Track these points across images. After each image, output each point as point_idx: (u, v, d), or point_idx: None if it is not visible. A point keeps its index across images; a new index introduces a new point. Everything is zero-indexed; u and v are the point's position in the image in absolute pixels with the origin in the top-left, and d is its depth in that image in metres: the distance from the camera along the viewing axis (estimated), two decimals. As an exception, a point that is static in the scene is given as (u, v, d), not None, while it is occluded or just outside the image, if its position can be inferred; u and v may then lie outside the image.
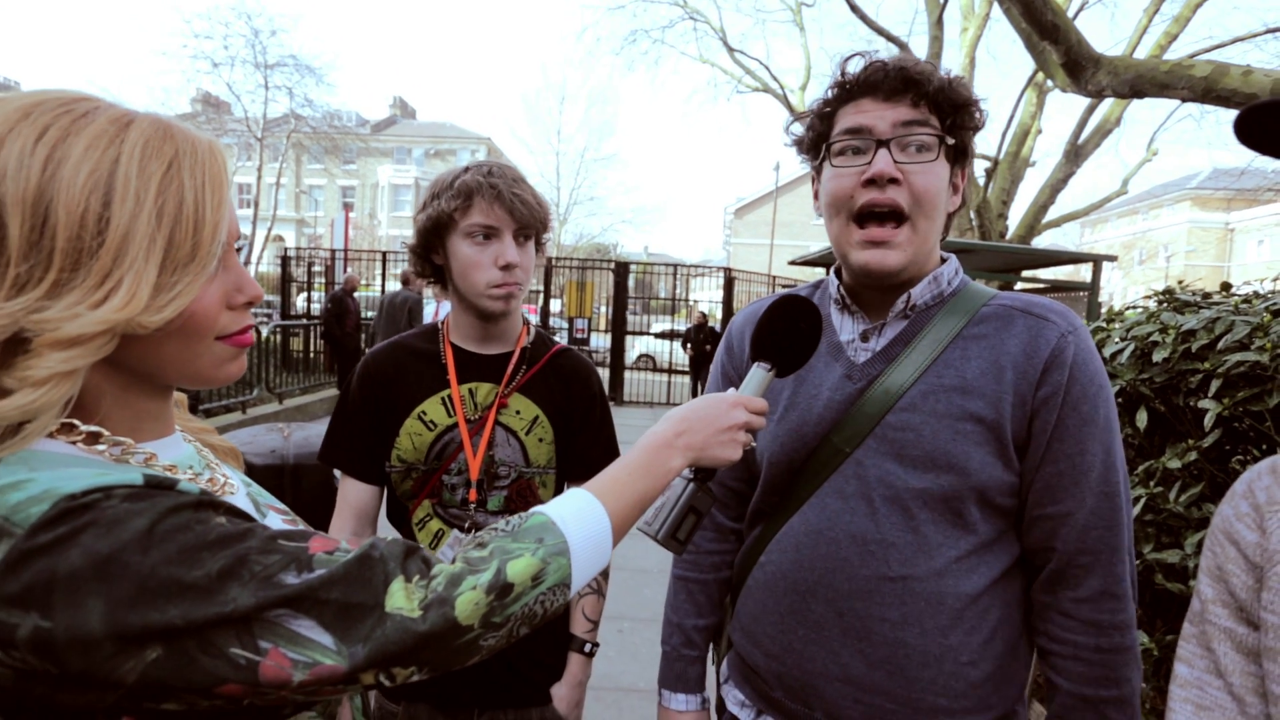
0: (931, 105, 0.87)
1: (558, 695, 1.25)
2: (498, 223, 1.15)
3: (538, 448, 1.25)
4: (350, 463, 1.23)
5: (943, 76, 0.88)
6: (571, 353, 1.33)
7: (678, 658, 1.11)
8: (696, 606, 1.11)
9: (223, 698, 0.47)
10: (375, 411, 1.22)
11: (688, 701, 1.10)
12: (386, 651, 0.49)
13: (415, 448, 1.21)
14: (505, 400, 1.23)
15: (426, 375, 1.23)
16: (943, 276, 0.95)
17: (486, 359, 1.25)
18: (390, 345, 1.28)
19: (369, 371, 1.24)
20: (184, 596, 0.45)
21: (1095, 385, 0.86)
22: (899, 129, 0.87)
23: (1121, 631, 0.85)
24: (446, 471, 1.21)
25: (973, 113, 0.89)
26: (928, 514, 0.87)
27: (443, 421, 1.21)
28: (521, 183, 1.18)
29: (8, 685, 0.44)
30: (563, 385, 1.28)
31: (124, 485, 0.49)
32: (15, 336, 0.47)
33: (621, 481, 0.67)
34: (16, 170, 0.47)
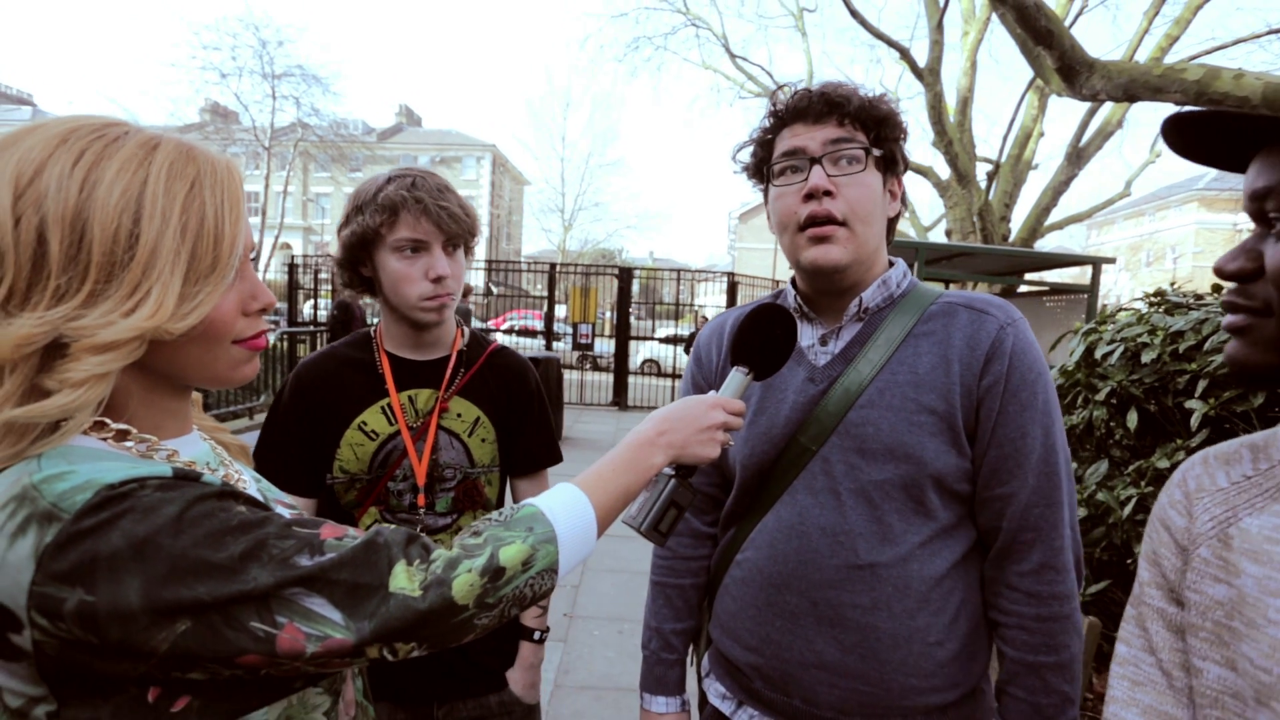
0: (856, 123, 0.95)
1: (513, 679, 1.29)
2: (426, 236, 1.15)
3: (481, 448, 1.27)
4: (283, 478, 1.13)
5: (863, 96, 0.96)
6: (507, 351, 1.35)
7: (657, 661, 1.15)
8: (674, 611, 1.15)
9: (243, 668, 0.53)
10: (310, 423, 1.21)
11: (668, 704, 1.13)
12: (390, 627, 0.54)
13: (358, 458, 1.20)
14: (446, 405, 1.24)
15: (363, 385, 1.22)
16: (891, 280, 1.01)
17: (423, 365, 1.25)
18: (323, 355, 1.26)
19: (302, 384, 1.22)
20: (211, 575, 0.51)
21: (1034, 373, 0.92)
22: (828, 146, 0.95)
23: (1060, 601, 0.91)
24: (392, 479, 1.22)
25: (894, 124, 0.97)
26: (890, 503, 0.93)
27: (384, 430, 1.21)
28: (447, 192, 1.17)
29: (54, 654, 0.50)
30: (502, 385, 1.30)
31: (156, 476, 0.55)
32: (55, 342, 0.53)
33: (606, 477, 0.72)
34: (56, 192, 0.53)
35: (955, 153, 10.51)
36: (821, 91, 0.96)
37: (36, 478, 0.51)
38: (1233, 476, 0.63)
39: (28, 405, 0.52)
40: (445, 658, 1.20)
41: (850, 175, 0.94)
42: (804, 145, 0.95)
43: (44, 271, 0.53)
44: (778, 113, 0.99)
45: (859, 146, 0.95)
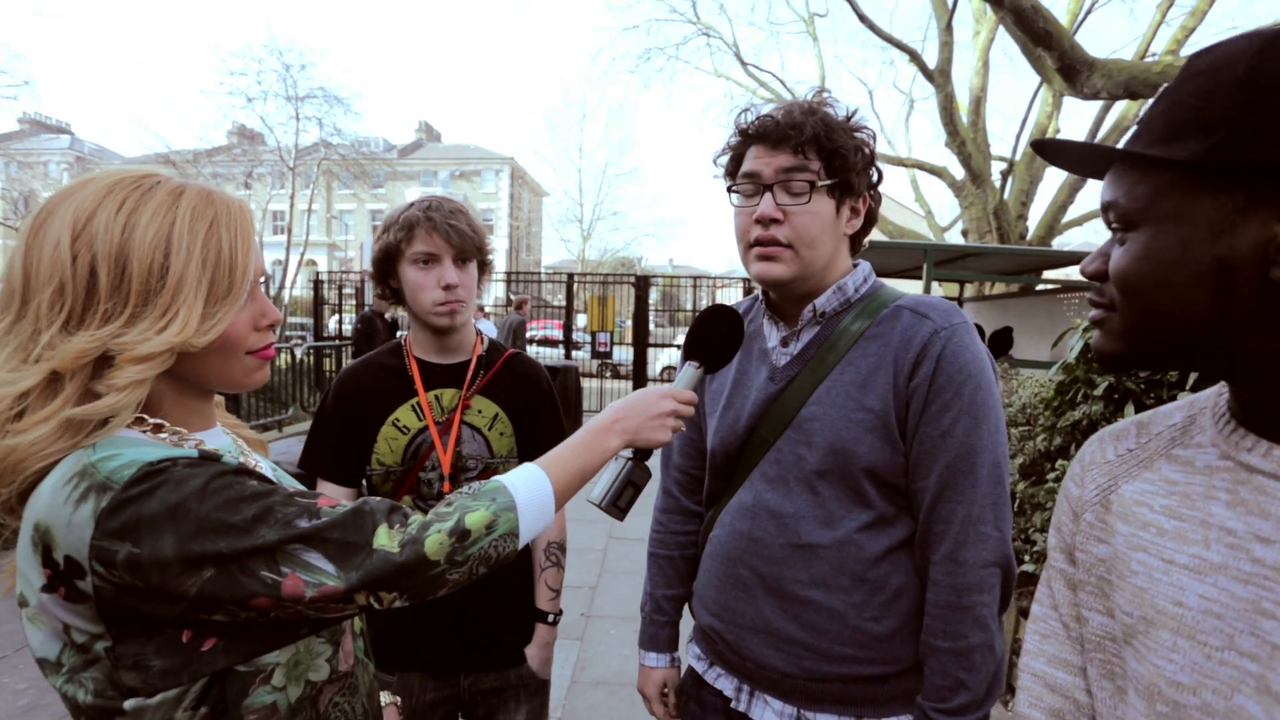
0: (811, 150, 1.00)
1: (530, 656, 1.43)
2: (437, 249, 1.32)
3: (499, 440, 1.42)
4: (329, 469, 1.38)
5: (819, 124, 0.99)
6: (522, 356, 1.51)
7: (650, 623, 1.28)
8: (665, 578, 1.28)
9: (255, 610, 0.64)
10: (351, 422, 1.37)
11: (658, 659, 1.27)
12: (373, 577, 0.65)
13: (392, 450, 1.36)
14: (468, 402, 1.40)
15: (396, 387, 1.38)
16: (848, 285, 1.07)
17: (447, 368, 1.41)
18: (362, 363, 1.44)
19: (343, 388, 1.40)
20: (229, 533, 0.62)
21: (962, 376, 0.96)
22: (781, 174, 1.00)
23: (960, 593, 0.95)
24: (423, 469, 1.37)
25: (845, 156, 1.00)
26: (830, 491, 1.01)
27: (414, 426, 1.37)
28: (458, 214, 1.35)
29: (109, 597, 0.61)
30: (517, 385, 1.45)
31: (185, 456, 0.66)
32: (103, 355, 0.65)
33: (564, 457, 0.82)
34: (104, 234, 0.65)
35: (969, 153, 10.47)
36: (777, 120, 1.01)
37: (93, 458, 0.63)
38: (1119, 450, 0.71)
39: (83, 405, 0.64)
40: (472, 635, 1.37)
41: (799, 204, 1.00)
42: (759, 170, 1.02)
43: (95, 298, 0.65)
44: (743, 132, 1.06)
45: (808, 177, 1.00)
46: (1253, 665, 0.52)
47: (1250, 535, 0.54)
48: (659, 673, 1.26)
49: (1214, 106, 0.52)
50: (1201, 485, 0.60)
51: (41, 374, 0.63)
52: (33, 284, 0.65)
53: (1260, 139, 0.50)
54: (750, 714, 1.07)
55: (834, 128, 1.01)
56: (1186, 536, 0.59)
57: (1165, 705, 0.57)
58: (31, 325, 0.65)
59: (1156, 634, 0.59)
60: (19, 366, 0.64)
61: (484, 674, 1.40)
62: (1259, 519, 0.54)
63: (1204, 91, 0.54)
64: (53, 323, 0.64)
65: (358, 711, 0.81)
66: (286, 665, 0.71)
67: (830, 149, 1.00)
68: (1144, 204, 0.57)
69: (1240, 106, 0.51)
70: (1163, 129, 0.56)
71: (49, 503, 0.62)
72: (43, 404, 0.64)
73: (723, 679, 1.12)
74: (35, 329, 0.65)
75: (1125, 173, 0.59)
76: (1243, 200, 0.51)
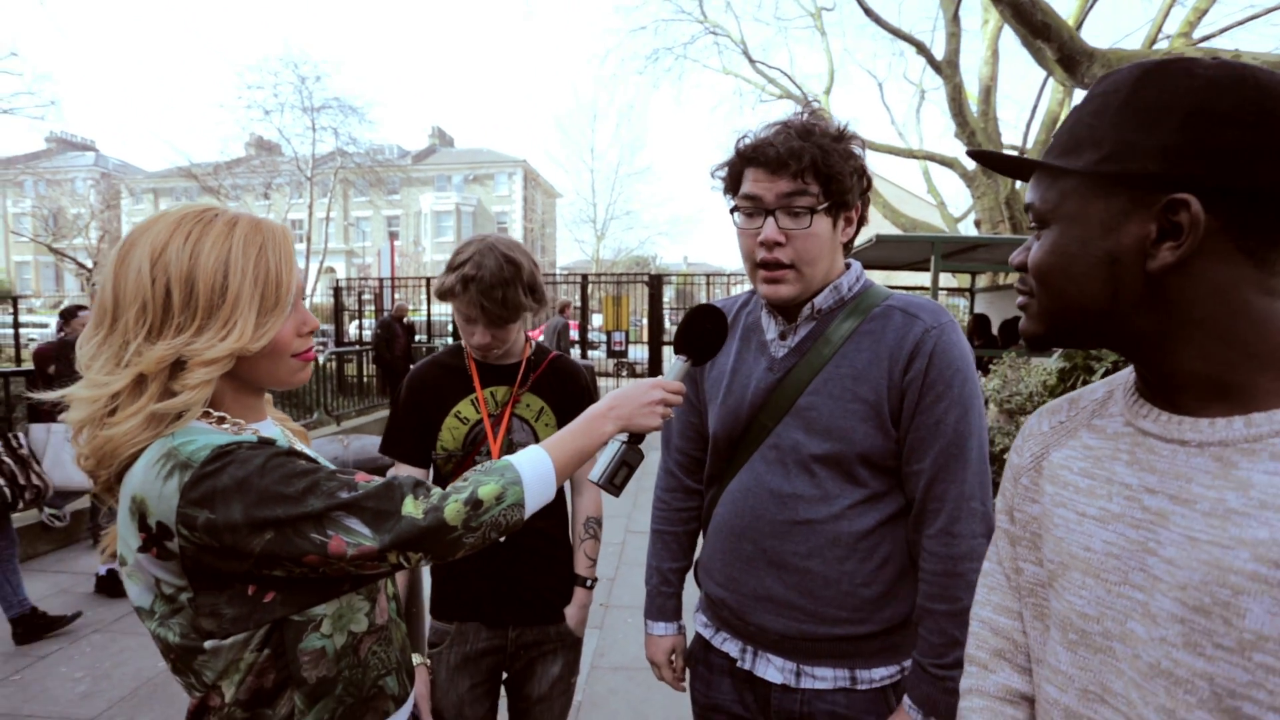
0: (810, 175, 1.06)
1: (569, 614, 1.62)
2: (474, 316, 1.48)
3: (545, 431, 1.61)
4: (403, 452, 1.61)
5: (815, 150, 1.05)
6: (564, 358, 1.70)
7: (657, 594, 1.39)
8: (670, 552, 1.39)
9: (307, 565, 0.76)
10: (420, 412, 1.59)
11: (666, 628, 1.38)
12: (401, 539, 0.77)
13: (454, 438, 1.57)
14: (519, 397, 1.60)
15: (457, 383, 1.60)
16: (843, 285, 1.16)
17: (501, 368, 1.62)
18: (428, 363, 1.66)
19: (413, 385, 1.63)
20: (284, 502, 0.75)
21: (951, 370, 1.06)
22: (782, 199, 1.07)
23: (955, 561, 1.06)
24: (478, 454, 1.57)
25: (843, 179, 1.07)
26: (826, 472, 1.11)
27: (473, 417, 1.59)
28: (498, 286, 1.44)
29: (191, 555, 0.74)
30: (560, 383, 1.66)
31: (247, 441, 0.80)
32: (177, 360, 0.79)
33: (564, 440, 0.94)
34: (176, 260, 0.79)
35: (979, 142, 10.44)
36: (778, 147, 1.06)
37: (175, 443, 0.77)
38: (1052, 423, 0.81)
39: (164, 402, 0.78)
40: (521, 594, 1.57)
41: (800, 228, 1.08)
42: (760, 194, 1.08)
43: (170, 314, 0.79)
44: (742, 154, 1.11)
45: (809, 202, 1.06)
46: (1140, 595, 0.62)
47: (1141, 488, 0.64)
48: (667, 640, 1.37)
49: (1103, 125, 0.63)
50: (1109, 449, 0.70)
51: (129, 377, 0.77)
52: (121, 304, 0.78)
53: (1137, 154, 0.60)
54: (755, 671, 1.18)
55: (829, 151, 1.06)
56: (1095, 492, 0.69)
57: (1075, 634, 0.68)
58: (120, 337, 0.79)
59: (1070, 575, 0.69)
60: (112, 371, 0.78)
61: (529, 628, 1.58)
62: (1148, 474, 0.64)
63: (1097, 111, 0.64)
64: (138, 334, 0.78)
65: (391, 661, 0.94)
66: (332, 617, 0.84)
67: (827, 174, 1.06)
68: (1052, 206, 0.67)
69: (1122, 126, 0.61)
70: (1066, 143, 0.66)
71: (143, 479, 0.75)
72: (131, 401, 0.78)
73: (729, 642, 1.23)
74: (125, 340, 0.78)
75: (1040, 179, 0.70)
76: (1126, 204, 0.61)
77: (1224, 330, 0.61)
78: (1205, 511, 0.59)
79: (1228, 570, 0.55)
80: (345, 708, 0.86)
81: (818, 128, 1.09)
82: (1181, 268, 0.60)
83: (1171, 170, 0.59)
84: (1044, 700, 0.72)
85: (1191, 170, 0.58)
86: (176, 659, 0.79)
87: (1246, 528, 0.55)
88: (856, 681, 1.13)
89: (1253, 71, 0.59)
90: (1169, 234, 0.60)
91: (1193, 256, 0.59)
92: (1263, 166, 0.56)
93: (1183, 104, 0.59)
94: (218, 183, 21.59)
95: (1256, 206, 0.58)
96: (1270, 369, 0.59)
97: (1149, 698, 0.60)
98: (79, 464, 0.81)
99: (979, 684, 0.82)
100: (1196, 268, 0.60)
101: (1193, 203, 0.58)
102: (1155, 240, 0.60)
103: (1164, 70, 0.61)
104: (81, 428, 0.79)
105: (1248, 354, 0.60)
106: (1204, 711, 0.56)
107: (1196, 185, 0.58)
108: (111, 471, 0.79)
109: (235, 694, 0.79)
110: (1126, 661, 0.62)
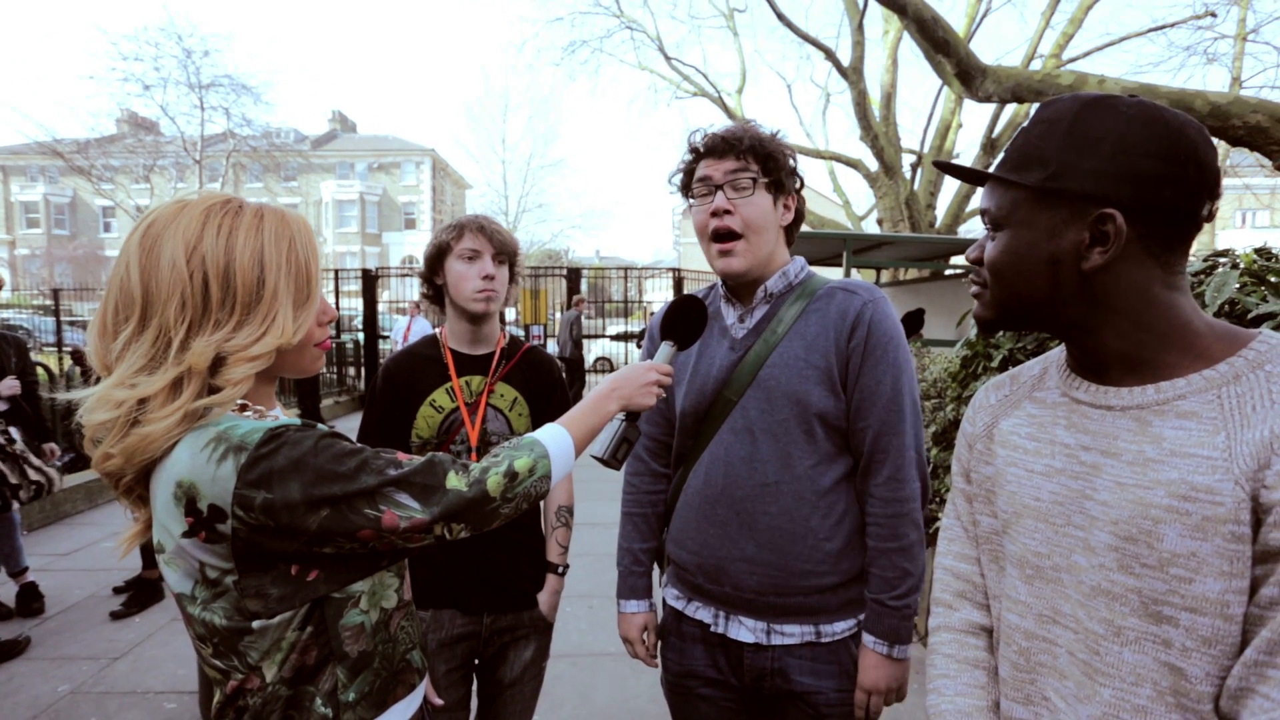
0: (749, 156, 1.26)
1: (541, 600, 1.67)
2: (481, 247, 1.59)
3: (518, 420, 1.66)
4: (377, 442, 1.59)
5: (755, 136, 1.26)
6: (538, 349, 1.76)
7: (629, 574, 1.48)
8: (640, 534, 1.48)
9: (360, 540, 0.79)
10: (396, 401, 1.62)
11: (638, 605, 1.47)
12: (449, 510, 0.82)
13: (429, 426, 1.61)
14: (493, 387, 1.64)
15: (432, 372, 1.63)
16: (790, 271, 1.33)
17: (476, 358, 1.66)
18: (404, 353, 1.69)
19: (389, 373, 1.65)
20: (339, 480, 0.77)
21: (886, 337, 1.23)
22: (729, 175, 1.26)
23: (901, 503, 1.22)
24: (453, 442, 1.61)
25: (777, 159, 1.27)
26: (789, 437, 1.24)
27: (448, 406, 1.62)
28: (499, 225, 1.65)
29: (243, 537, 0.75)
30: (534, 373, 1.71)
31: (293, 424, 0.81)
32: (217, 356, 0.79)
33: (577, 418, 1.02)
34: (211, 253, 0.79)
35: (881, 146, 11.10)
36: (722, 135, 1.28)
37: (223, 428, 0.78)
38: (998, 396, 0.96)
39: (207, 397, 0.79)
40: (495, 581, 1.61)
41: (744, 198, 1.26)
42: (711, 174, 1.27)
43: (209, 309, 0.79)
44: (695, 149, 1.31)
45: (750, 175, 1.26)
46: (1080, 533, 0.77)
47: (1078, 446, 0.79)
48: (639, 617, 1.46)
49: (1049, 147, 0.76)
50: (1050, 416, 0.85)
51: (174, 375, 0.77)
52: (154, 298, 0.78)
53: (1075, 174, 0.74)
54: (727, 634, 1.29)
55: (764, 139, 1.27)
56: (1041, 452, 0.83)
57: (1031, 569, 0.82)
58: (155, 333, 0.78)
59: (1024, 522, 0.83)
60: (145, 368, 0.77)
61: (503, 614, 1.63)
62: (1083, 434, 0.79)
63: (1044, 135, 0.77)
64: (179, 330, 0.78)
65: (416, 636, 0.98)
66: (368, 593, 0.87)
67: (764, 154, 1.26)
68: (1006, 213, 0.80)
69: (1065, 149, 0.75)
70: (1017, 160, 0.80)
71: (191, 464, 0.76)
72: (171, 399, 0.77)
73: (701, 610, 1.33)
74: (163, 335, 0.78)
75: (994, 189, 0.83)
76: (1066, 214, 0.75)
77: (1138, 318, 0.76)
78: (1129, 461, 0.73)
79: (1149, 506, 0.70)
80: (381, 680, 0.89)
81: (752, 127, 1.30)
82: (1107, 268, 0.75)
83: (1101, 189, 0.73)
84: (1006, 627, 0.86)
85: (1117, 191, 0.72)
86: (221, 642, 0.80)
87: (1161, 471, 0.70)
88: (821, 635, 1.26)
89: (1161, 112, 0.74)
90: (1098, 241, 0.74)
91: (1116, 259, 0.74)
92: (1169, 190, 0.72)
93: (1110, 136, 0.73)
94: (88, 162, 19.62)
95: (1163, 221, 0.73)
96: (1173, 348, 0.75)
97: (1093, 613, 0.74)
98: (97, 465, 0.80)
99: (945, 621, 0.96)
100: (1118, 268, 0.75)
101: (1118, 217, 0.72)
102: (1088, 245, 0.75)
103: (1097, 105, 0.75)
104: (104, 429, 0.78)
105: (1156, 335, 0.76)
106: (1135, 618, 0.71)
107: (1120, 203, 0.72)
108: (137, 469, 0.79)
109: (278, 673, 0.81)
110: (1072, 587, 0.77)
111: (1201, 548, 0.66)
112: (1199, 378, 0.72)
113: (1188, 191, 0.72)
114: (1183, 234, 0.74)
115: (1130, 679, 0.71)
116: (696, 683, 1.35)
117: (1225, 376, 0.71)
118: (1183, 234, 0.74)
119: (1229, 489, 0.65)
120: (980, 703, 0.89)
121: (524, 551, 1.66)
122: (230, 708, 0.82)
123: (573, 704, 2.82)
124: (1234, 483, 0.65)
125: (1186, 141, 0.72)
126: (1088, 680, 0.74)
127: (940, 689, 0.92)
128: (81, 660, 3.13)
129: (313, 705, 0.83)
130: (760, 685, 1.29)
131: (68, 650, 3.23)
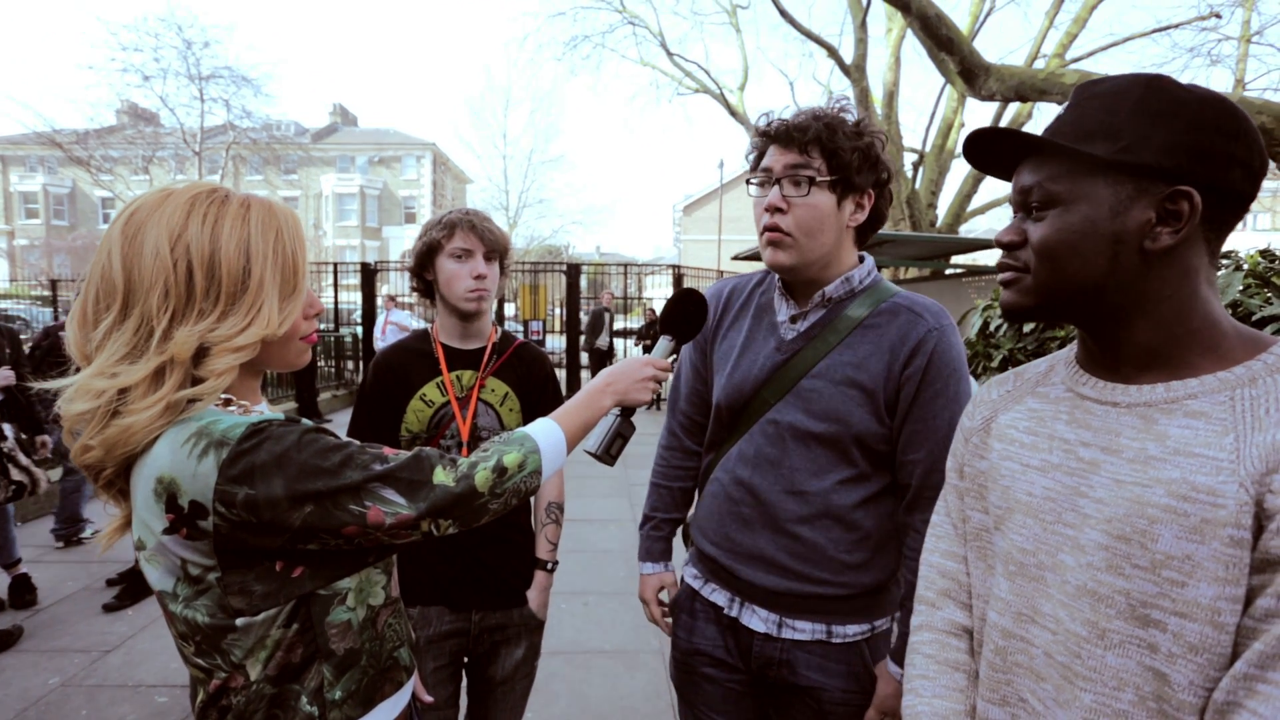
0: (815, 150, 1.15)
1: (530, 598, 1.66)
2: (472, 246, 1.56)
3: (509, 415, 1.64)
4: (368, 437, 1.58)
5: (822, 128, 1.14)
6: (529, 345, 1.74)
7: (649, 538, 1.51)
8: (665, 504, 1.51)
9: (345, 537, 0.77)
10: (386, 395, 1.60)
11: (655, 567, 1.50)
12: (436, 506, 0.80)
13: (419, 420, 1.58)
14: (484, 382, 1.63)
15: (423, 367, 1.61)
16: (855, 277, 1.24)
17: (467, 352, 1.64)
18: (394, 347, 1.67)
19: (379, 367, 1.63)
20: (323, 475, 0.75)
21: (949, 370, 1.16)
22: (788, 170, 1.17)
23: None
24: (443, 437, 1.59)
25: (845, 155, 1.15)
26: (821, 450, 1.21)
27: (438, 400, 1.60)
28: (490, 221, 1.61)
29: (225, 533, 0.73)
30: (525, 369, 1.69)
31: (276, 419, 0.79)
32: (200, 347, 0.77)
33: (570, 412, 1.00)
34: (196, 242, 0.77)
35: (883, 144, 11.05)
36: (789, 123, 1.17)
37: (204, 423, 0.76)
38: (1000, 391, 0.94)
39: (189, 389, 0.76)
40: (484, 578, 1.59)
41: (800, 197, 1.16)
42: (771, 166, 1.19)
43: (193, 298, 0.77)
44: (762, 132, 1.22)
45: (809, 173, 1.15)
46: (1070, 531, 0.75)
47: (1078, 442, 0.77)
48: (655, 578, 1.49)
49: (1117, 120, 0.71)
50: (1051, 410, 0.83)
51: (155, 365, 0.75)
52: (136, 286, 0.76)
53: (1149, 148, 0.69)
54: (740, 619, 1.29)
55: (836, 130, 1.15)
56: (1038, 447, 0.82)
57: (1015, 566, 0.80)
58: (137, 322, 0.76)
59: (1015, 517, 0.82)
60: (126, 358, 0.75)
61: (492, 612, 1.62)
62: (1084, 430, 0.77)
63: (1107, 107, 0.72)
64: (162, 319, 0.76)
65: (404, 633, 0.96)
66: (355, 590, 0.85)
67: (830, 149, 1.15)
68: (1063, 187, 0.74)
69: (1137, 122, 0.70)
70: (1074, 133, 0.73)
71: (171, 460, 0.74)
72: (152, 390, 0.75)
73: (717, 593, 1.33)
74: (145, 325, 0.76)
75: (1045, 163, 0.76)
76: (1132, 190, 0.70)
77: (1179, 308, 0.72)
78: (1130, 459, 0.72)
79: (1146, 504, 0.68)
80: (368, 679, 0.88)
81: (831, 112, 1.18)
82: (1170, 251, 0.70)
83: (1177, 164, 0.68)
84: (986, 626, 0.85)
85: (1191, 167, 0.68)
86: (203, 640, 0.78)
87: (1162, 470, 0.68)
88: (832, 635, 1.25)
89: (1223, 96, 0.71)
90: (1165, 220, 0.69)
91: (1181, 242, 0.69)
92: (1235, 172, 0.68)
93: (1185, 111, 0.69)
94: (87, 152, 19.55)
95: (1225, 204, 0.69)
96: (1198, 346, 0.72)
97: (1076, 614, 0.72)
98: (76, 458, 0.78)
99: (928, 620, 0.95)
100: (1178, 252, 0.70)
101: (1194, 195, 0.67)
102: (1154, 224, 0.69)
103: (1163, 83, 0.71)
104: (83, 420, 0.76)
105: (1189, 331, 0.72)
106: (1121, 620, 0.69)
107: (1194, 180, 0.68)
108: (118, 463, 0.77)
109: (263, 671, 0.79)
110: (1055, 587, 0.75)
111: (1198, 551, 0.64)
112: (1213, 378, 0.70)
113: (1253, 175, 0.69)
114: (1233, 222, 0.71)
115: (1112, 683, 0.69)
116: (703, 661, 1.35)
117: (1241, 379, 0.68)
118: (1233, 222, 0.71)
119: (1232, 491, 0.63)
120: (958, 706, 0.87)
121: (513, 548, 1.64)
122: (213, 707, 0.80)
123: (566, 701, 2.81)
124: (1239, 485, 0.63)
125: (1251, 126, 0.69)
126: (1067, 684, 0.73)
127: (918, 690, 0.91)
128: (73, 653, 3.12)
129: (298, 704, 0.81)
130: (766, 673, 1.29)
131: (59, 643, 3.21)
